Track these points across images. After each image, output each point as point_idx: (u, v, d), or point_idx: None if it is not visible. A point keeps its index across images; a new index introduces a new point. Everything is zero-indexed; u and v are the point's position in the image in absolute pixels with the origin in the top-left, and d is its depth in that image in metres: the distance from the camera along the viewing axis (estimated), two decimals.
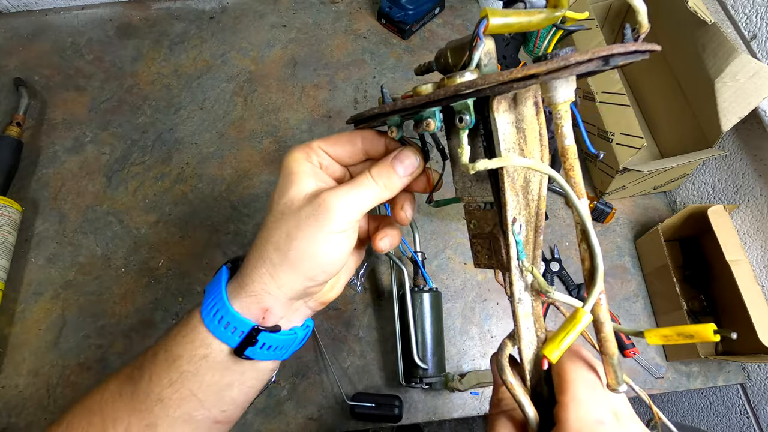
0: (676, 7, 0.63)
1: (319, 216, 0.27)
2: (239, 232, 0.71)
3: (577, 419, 0.22)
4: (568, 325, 0.22)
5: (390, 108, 0.27)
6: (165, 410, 0.29)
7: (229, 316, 0.29)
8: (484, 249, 0.31)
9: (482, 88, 0.22)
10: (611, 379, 0.23)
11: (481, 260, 0.31)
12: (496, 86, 0.22)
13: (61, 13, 0.87)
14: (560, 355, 0.22)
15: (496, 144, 0.26)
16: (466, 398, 0.63)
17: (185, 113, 0.80)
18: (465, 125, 0.25)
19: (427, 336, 0.59)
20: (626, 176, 0.68)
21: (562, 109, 0.23)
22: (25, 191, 0.72)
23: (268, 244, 0.29)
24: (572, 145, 0.23)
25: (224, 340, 0.29)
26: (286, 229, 0.28)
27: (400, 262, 0.62)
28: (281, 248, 0.28)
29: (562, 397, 0.23)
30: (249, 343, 0.29)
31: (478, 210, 0.31)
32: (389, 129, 0.31)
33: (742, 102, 0.58)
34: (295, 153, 0.30)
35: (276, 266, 0.28)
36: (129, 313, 0.65)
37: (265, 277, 0.29)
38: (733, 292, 0.60)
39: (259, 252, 0.29)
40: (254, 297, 0.29)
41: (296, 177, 0.29)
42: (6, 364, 0.62)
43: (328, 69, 0.85)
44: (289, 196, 0.29)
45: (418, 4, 0.84)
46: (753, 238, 0.66)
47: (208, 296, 0.30)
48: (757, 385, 0.66)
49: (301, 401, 0.62)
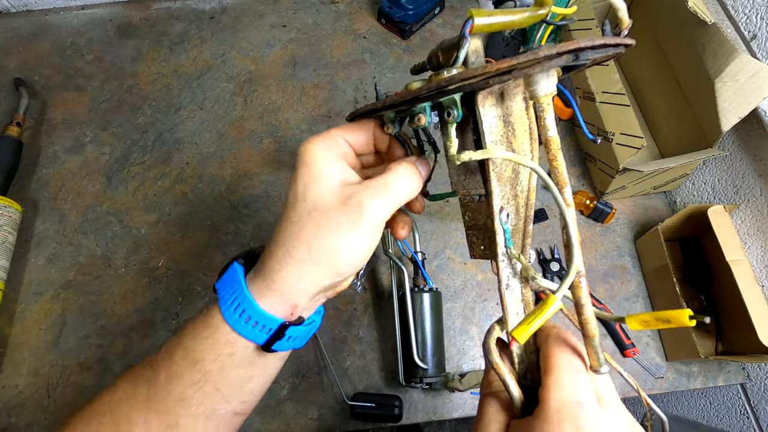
0: (676, 7, 0.63)
1: (354, 217, 0.27)
2: (239, 232, 0.71)
3: (558, 399, 0.22)
4: (538, 309, 0.23)
5: (381, 104, 0.28)
6: (187, 409, 0.29)
7: (257, 315, 0.28)
8: (479, 240, 0.32)
9: (462, 83, 0.23)
10: (593, 361, 0.24)
11: (477, 251, 0.32)
12: (474, 81, 0.23)
13: (61, 13, 0.87)
14: (527, 336, 0.23)
15: (482, 137, 0.27)
16: (466, 398, 0.63)
17: (185, 113, 0.80)
18: (453, 119, 0.27)
19: (427, 336, 0.59)
20: (626, 176, 0.68)
21: (543, 102, 0.25)
22: (25, 191, 0.72)
23: (296, 241, 0.28)
24: (555, 136, 0.25)
25: (252, 339, 0.29)
26: (316, 228, 0.28)
27: (400, 262, 0.62)
28: (312, 247, 0.28)
29: (545, 379, 0.24)
30: (277, 338, 0.29)
31: (472, 202, 0.32)
32: (386, 125, 0.31)
33: (742, 102, 0.58)
34: (316, 143, 0.30)
35: (306, 263, 0.28)
36: (129, 313, 0.65)
37: (294, 274, 0.28)
38: (733, 292, 0.60)
39: (285, 248, 0.29)
40: (283, 295, 0.29)
41: (321, 170, 0.29)
42: (6, 364, 0.62)
43: (328, 69, 0.85)
44: (316, 191, 0.28)
45: (418, 4, 0.84)
46: (753, 238, 0.66)
47: (227, 295, 0.30)
48: (757, 385, 0.66)
49: (301, 401, 0.62)
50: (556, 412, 0.22)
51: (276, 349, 0.30)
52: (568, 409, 0.22)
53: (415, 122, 0.29)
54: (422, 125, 0.29)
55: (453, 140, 0.27)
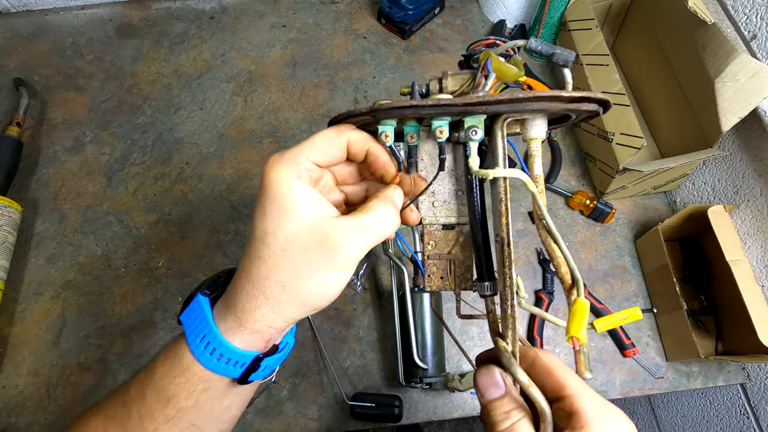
0: (676, 7, 0.63)
1: (331, 258, 0.26)
2: (239, 232, 0.71)
3: (592, 406, 0.24)
4: (577, 311, 0.26)
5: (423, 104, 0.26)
6: None
7: (229, 353, 0.28)
8: (439, 270, 0.33)
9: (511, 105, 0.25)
10: (582, 367, 0.26)
11: (434, 282, 0.33)
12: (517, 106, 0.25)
13: (61, 13, 0.87)
14: (585, 334, 0.25)
15: (497, 158, 0.28)
16: (466, 398, 0.63)
17: (185, 113, 0.80)
18: (477, 138, 0.28)
19: (427, 336, 0.59)
20: (626, 176, 0.68)
21: (535, 145, 0.29)
22: (25, 191, 0.72)
23: (269, 282, 0.27)
24: (541, 173, 0.29)
25: (226, 375, 0.28)
26: (291, 271, 0.27)
27: (400, 262, 0.62)
28: (288, 289, 0.27)
29: (565, 391, 0.25)
30: (253, 370, 0.29)
31: (438, 231, 0.33)
32: (382, 133, 0.29)
33: (742, 102, 0.58)
34: (281, 171, 0.27)
35: (282, 303, 0.27)
36: (129, 313, 0.65)
37: (270, 315, 0.28)
38: (733, 292, 0.60)
39: (258, 288, 0.27)
40: (258, 333, 0.28)
41: (291, 206, 0.26)
42: (6, 364, 0.62)
43: (328, 69, 0.85)
44: (288, 230, 0.26)
45: (418, 4, 0.84)
46: (753, 238, 0.66)
47: (195, 331, 0.28)
48: (757, 385, 0.66)
49: (301, 401, 0.62)
50: (597, 414, 0.23)
51: (252, 380, 0.29)
52: (603, 411, 0.24)
53: (437, 134, 0.28)
54: (443, 138, 0.28)
55: (476, 157, 0.28)
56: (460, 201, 0.33)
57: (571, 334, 0.25)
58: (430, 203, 0.33)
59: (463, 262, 0.33)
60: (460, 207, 0.33)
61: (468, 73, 0.32)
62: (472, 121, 0.28)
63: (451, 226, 0.33)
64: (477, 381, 0.28)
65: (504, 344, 0.28)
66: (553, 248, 0.28)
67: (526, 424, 0.25)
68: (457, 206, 0.33)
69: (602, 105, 0.26)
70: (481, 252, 0.31)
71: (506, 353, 0.27)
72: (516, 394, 0.27)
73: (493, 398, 0.26)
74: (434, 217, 0.33)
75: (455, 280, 0.33)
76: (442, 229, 0.33)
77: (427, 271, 0.33)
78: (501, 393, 0.26)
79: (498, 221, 0.29)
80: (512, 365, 0.26)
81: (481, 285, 0.31)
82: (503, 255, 0.28)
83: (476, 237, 0.31)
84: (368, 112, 0.27)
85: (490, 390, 0.27)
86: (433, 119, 0.28)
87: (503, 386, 0.27)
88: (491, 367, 0.27)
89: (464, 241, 0.33)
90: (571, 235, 0.73)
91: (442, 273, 0.33)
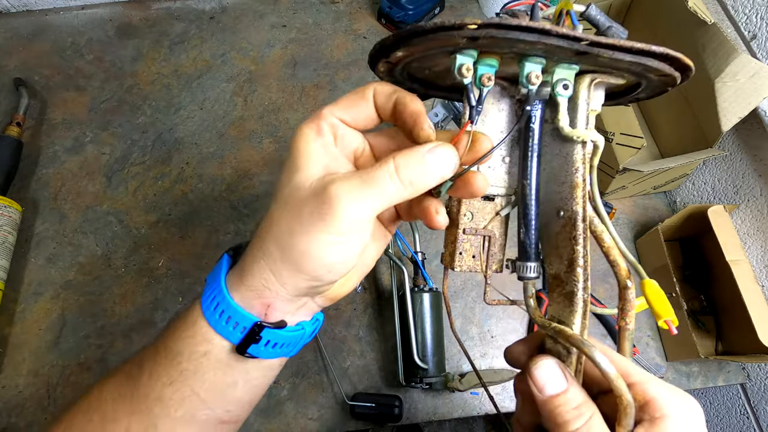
0: (676, 7, 0.63)
1: (324, 215, 0.23)
2: (239, 232, 0.71)
3: (666, 392, 0.23)
4: (652, 294, 0.24)
5: (557, 31, 0.20)
6: (165, 410, 0.27)
7: (230, 309, 0.26)
8: (472, 248, 0.29)
9: (629, 51, 0.22)
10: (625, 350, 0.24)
11: (466, 261, 0.29)
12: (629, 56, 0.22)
13: (61, 13, 0.87)
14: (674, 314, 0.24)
15: (577, 120, 0.25)
16: (466, 398, 0.63)
17: (185, 113, 0.80)
18: (567, 93, 0.24)
19: (427, 336, 0.59)
20: (626, 176, 0.68)
21: (591, 117, 0.26)
22: (25, 191, 0.72)
23: (268, 236, 0.26)
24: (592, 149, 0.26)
25: (226, 336, 0.27)
26: (288, 224, 0.25)
27: (400, 262, 0.62)
28: (282, 244, 0.25)
29: (631, 379, 0.23)
30: (252, 340, 0.26)
31: (477, 201, 0.28)
32: (462, 66, 0.23)
33: (742, 102, 0.58)
34: (304, 128, 0.26)
35: (277, 262, 0.25)
36: (129, 313, 0.65)
37: (266, 272, 0.26)
38: (733, 292, 0.60)
39: (259, 243, 0.26)
40: (254, 291, 0.26)
41: (303, 159, 0.25)
42: (6, 364, 0.62)
43: (328, 69, 0.85)
44: (294, 183, 0.25)
45: (418, 4, 0.84)
46: (753, 238, 0.66)
47: (208, 287, 0.28)
48: (757, 385, 0.66)
49: (301, 401, 0.62)
50: (672, 401, 0.22)
51: (253, 353, 0.27)
52: (677, 397, 0.22)
53: (532, 79, 0.23)
54: (536, 86, 0.24)
55: (565, 115, 0.24)
56: (505, 169, 0.28)
57: (664, 318, 0.23)
58: (476, 168, 0.27)
59: (497, 240, 0.29)
60: (504, 176, 0.28)
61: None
62: (563, 74, 0.24)
63: (491, 197, 0.28)
64: (535, 375, 0.24)
65: (571, 332, 0.24)
66: (601, 231, 0.24)
67: (600, 421, 0.22)
68: (500, 174, 0.28)
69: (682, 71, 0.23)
70: (531, 227, 0.27)
71: (585, 342, 0.22)
72: (580, 386, 0.24)
73: (557, 393, 0.23)
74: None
75: (487, 260, 0.29)
76: (482, 200, 0.28)
77: (460, 248, 0.28)
78: (565, 386, 0.23)
79: (569, 194, 0.25)
80: (595, 355, 0.22)
81: (524, 266, 0.27)
82: (575, 231, 0.24)
83: (528, 210, 0.27)
84: (477, 27, 0.21)
85: (552, 384, 0.23)
86: (527, 59, 0.23)
87: (564, 380, 0.24)
88: (548, 358, 0.24)
89: (503, 216, 0.29)
90: None
91: (474, 251, 0.29)
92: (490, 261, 0.29)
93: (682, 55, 0.22)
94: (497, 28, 0.20)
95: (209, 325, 0.27)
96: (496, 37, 0.21)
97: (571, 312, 0.24)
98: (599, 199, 0.25)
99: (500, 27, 0.20)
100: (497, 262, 0.29)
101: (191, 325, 0.27)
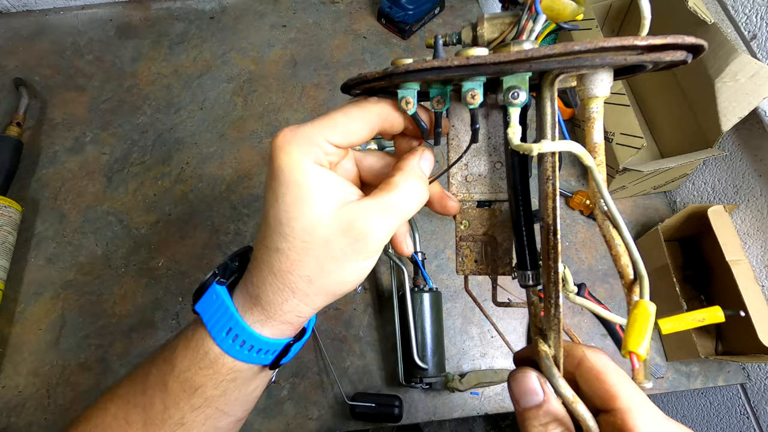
0: (676, 7, 0.63)
1: (357, 247, 0.24)
2: (239, 232, 0.71)
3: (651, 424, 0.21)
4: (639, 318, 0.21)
5: (446, 64, 0.21)
6: (188, 430, 0.28)
7: (260, 344, 0.27)
8: (473, 253, 0.29)
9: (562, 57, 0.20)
10: (640, 376, 0.22)
11: (468, 266, 0.29)
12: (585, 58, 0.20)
13: (61, 13, 0.87)
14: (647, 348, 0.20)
15: (545, 126, 0.23)
16: (466, 398, 0.63)
17: (185, 113, 0.80)
18: (519, 102, 0.23)
19: (427, 336, 0.59)
20: (626, 176, 0.68)
21: (597, 104, 0.23)
22: (25, 191, 0.72)
23: (294, 276, 0.25)
24: (601, 141, 0.23)
25: (257, 363, 0.28)
26: (316, 263, 0.25)
27: (400, 261, 0.62)
28: (314, 281, 0.25)
29: (616, 404, 0.21)
30: (283, 356, 0.28)
31: (472, 209, 0.29)
32: (402, 99, 0.25)
33: (742, 102, 0.58)
34: (294, 155, 0.24)
35: (310, 296, 0.26)
36: (129, 313, 0.65)
37: (300, 307, 0.27)
38: (733, 292, 0.60)
39: (284, 283, 0.26)
40: (289, 325, 0.27)
41: (309, 194, 0.24)
42: (6, 364, 0.62)
43: (328, 69, 0.85)
44: (307, 219, 0.24)
45: (418, 4, 0.84)
46: (753, 238, 0.66)
47: (217, 324, 0.27)
48: (757, 385, 0.66)
49: (301, 401, 0.61)
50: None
51: (283, 363, 0.29)
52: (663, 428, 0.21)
53: (469, 99, 0.23)
54: (476, 104, 0.23)
55: (517, 127, 0.23)
56: (498, 175, 0.28)
57: (629, 349, 0.20)
58: (463, 177, 0.28)
59: (500, 244, 0.29)
60: (498, 181, 0.28)
61: (509, 16, 0.26)
62: (512, 81, 0.23)
63: (487, 204, 0.29)
64: (511, 386, 0.24)
65: (546, 348, 0.24)
66: (613, 235, 0.23)
67: None
68: (494, 180, 0.28)
69: (693, 51, 0.20)
70: (522, 236, 0.26)
71: (547, 361, 0.23)
72: (556, 403, 0.24)
73: (529, 407, 0.23)
74: (468, 193, 0.29)
75: (492, 264, 0.29)
76: (477, 207, 0.29)
77: (459, 254, 0.29)
78: (538, 401, 0.23)
79: (543, 204, 0.24)
80: (554, 376, 0.23)
81: (523, 274, 0.27)
82: (548, 244, 0.23)
83: (516, 219, 0.26)
84: (382, 76, 0.22)
85: (526, 397, 0.24)
86: (464, 80, 0.23)
87: (541, 394, 0.23)
88: (527, 371, 0.24)
89: (503, 221, 0.29)
90: (571, 235, 0.73)
91: (476, 256, 0.29)
92: (496, 265, 0.29)
93: (627, 40, 0.19)
94: (395, 74, 0.22)
95: (236, 360, 0.27)
96: (403, 76, 0.22)
97: (549, 327, 0.24)
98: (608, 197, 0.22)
99: (395, 74, 0.22)
100: (504, 266, 0.29)
101: (212, 363, 0.27)
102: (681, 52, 0.20)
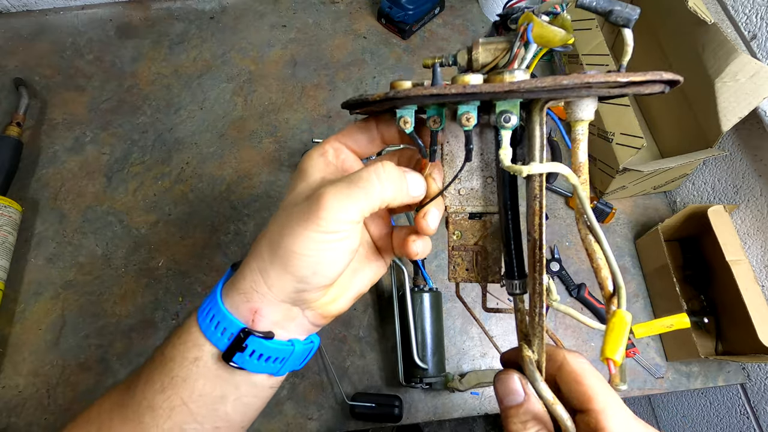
0: (676, 7, 0.63)
1: (311, 213, 0.24)
2: (239, 232, 0.71)
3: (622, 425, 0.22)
4: (616, 327, 0.22)
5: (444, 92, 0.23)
6: (155, 420, 0.27)
7: (219, 314, 0.27)
8: (464, 262, 0.31)
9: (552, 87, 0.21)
10: (617, 379, 0.24)
11: (459, 273, 0.31)
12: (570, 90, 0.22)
13: (61, 13, 0.87)
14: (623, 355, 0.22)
15: (534, 150, 0.25)
16: (466, 398, 0.63)
17: (185, 113, 0.80)
18: (510, 125, 0.24)
19: (427, 336, 0.59)
20: (626, 176, 0.68)
21: (582, 127, 0.25)
22: (25, 191, 0.72)
23: (263, 238, 0.27)
24: (586, 160, 0.25)
25: (214, 342, 0.27)
26: (279, 224, 0.26)
27: (400, 262, 0.62)
28: (272, 244, 0.26)
29: (592, 405, 0.23)
30: (238, 347, 0.26)
31: (464, 220, 0.30)
32: (400, 119, 0.26)
33: (742, 102, 0.58)
34: (311, 152, 0.29)
35: (266, 263, 0.26)
36: (129, 313, 0.65)
37: (255, 274, 0.26)
38: (733, 292, 0.60)
39: (254, 248, 0.27)
40: (243, 295, 0.27)
41: (305, 172, 0.28)
42: (6, 364, 0.62)
43: (328, 69, 0.85)
44: (295, 192, 0.28)
45: (418, 4, 0.84)
46: (753, 238, 0.66)
47: (207, 297, 0.29)
48: (757, 385, 0.66)
49: (301, 401, 0.62)
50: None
51: (238, 362, 0.27)
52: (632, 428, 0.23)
53: (463, 122, 0.25)
54: (470, 126, 0.25)
55: (507, 149, 0.24)
56: (490, 189, 0.30)
57: (606, 356, 0.22)
58: (456, 191, 0.30)
59: (490, 254, 0.30)
60: (490, 195, 0.30)
61: (503, 41, 0.27)
62: (504, 106, 0.24)
63: (478, 215, 0.30)
64: (496, 386, 0.26)
65: (529, 353, 0.26)
66: (594, 249, 0.24)
67: None
68: (486, 194, 0.30)
69: (670, 84, 0.22)
70: (511, 248, 0.28)
71: (530, 365, 0.25)
72: (536, 403, 0.25)
73: (511, 405, 0.25)
74: (460, 205, 0.30)
75: (482, 272, 0.31)
76: (469, 219, 0.30)
77: (452, 262, 0.31)
78: (519, 401, 0.25)
79: (530, 219, 0.25)
80: (536, 380, 0.25)
81: (510, 283, 0.28)
82: (534, 258, 0.25)
83: (506, 231, 0.28)
84: (382, 100, 0.24)
85: (508, 397, 0.26)
86: (459, 104, 0.25)
87: (522, 394, 0.25)
88: (510, 373, 0.26)
89: (493, 232, 0.30)
90: (571, 235, 0.73)
91: (467, 265, 0.30)
92: (486, 273, 0.31)
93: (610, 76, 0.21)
94: (396, 99, 0.24)
95: (200, 331, 0.27)
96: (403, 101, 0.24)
97: (533, 333, 0.26)
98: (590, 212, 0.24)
99: (396, 99, 0.24)
100: (493, 274, 0.31)
101: (185, 332, 0.28)
102: (659, 86, 0.22)
